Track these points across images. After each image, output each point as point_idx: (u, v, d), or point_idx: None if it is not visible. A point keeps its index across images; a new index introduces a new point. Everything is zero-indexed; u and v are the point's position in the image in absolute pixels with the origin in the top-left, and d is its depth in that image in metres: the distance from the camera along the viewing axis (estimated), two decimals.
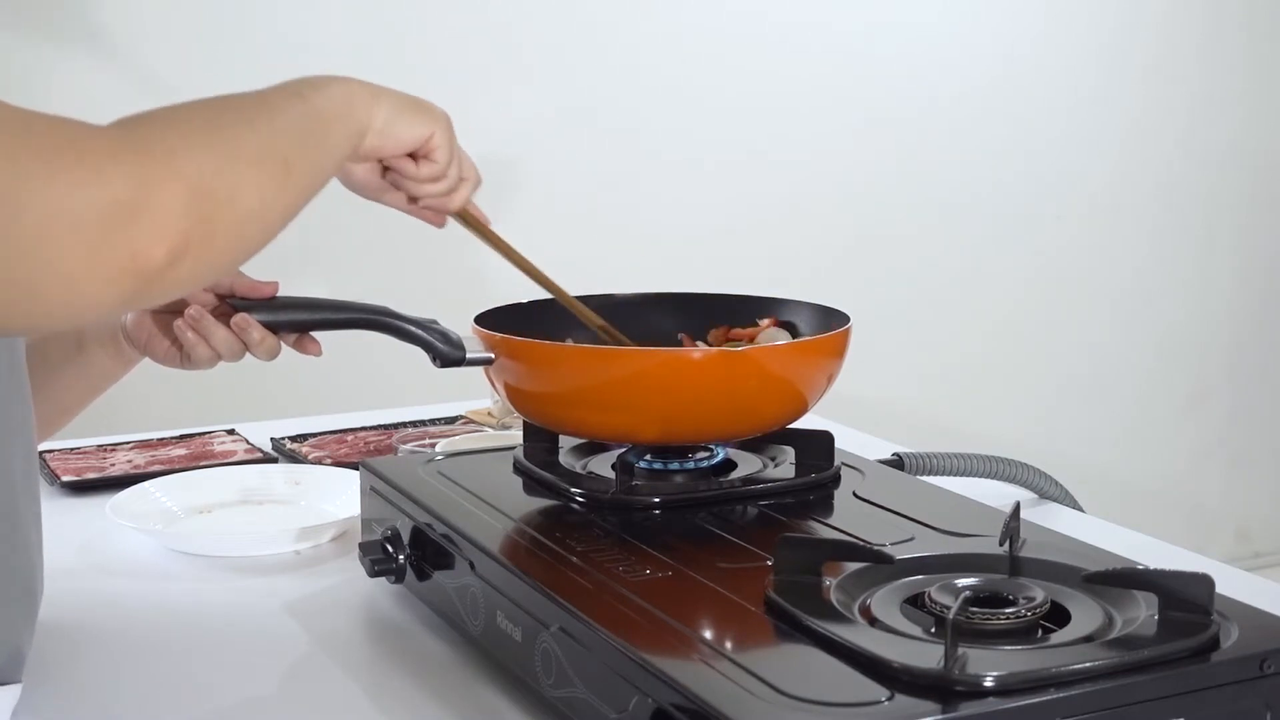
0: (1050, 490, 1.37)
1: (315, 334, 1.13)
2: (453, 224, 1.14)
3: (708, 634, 0.84)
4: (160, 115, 0.79)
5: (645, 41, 2.69)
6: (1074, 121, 3.09)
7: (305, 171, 0.86)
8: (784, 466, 1.16)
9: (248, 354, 1.11)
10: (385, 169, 1.06)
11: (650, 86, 2.71)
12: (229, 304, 1.11)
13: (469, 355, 1.12)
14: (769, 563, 0.91)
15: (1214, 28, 3.21)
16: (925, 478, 1.30)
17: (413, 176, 1.05)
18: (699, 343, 1.25)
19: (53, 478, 1.48)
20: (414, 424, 1.71)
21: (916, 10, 2.91)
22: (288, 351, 1.13)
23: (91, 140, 0.73)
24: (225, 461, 1.55)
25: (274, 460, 1.58)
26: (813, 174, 2.86)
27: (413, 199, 1.08)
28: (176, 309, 1.12)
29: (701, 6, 2.72)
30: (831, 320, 1.18)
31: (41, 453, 1.54)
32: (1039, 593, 0.84)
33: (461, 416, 1.72)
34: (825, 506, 1.10)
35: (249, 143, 0.81)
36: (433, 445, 1.48)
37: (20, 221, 0.69)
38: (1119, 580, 0.85)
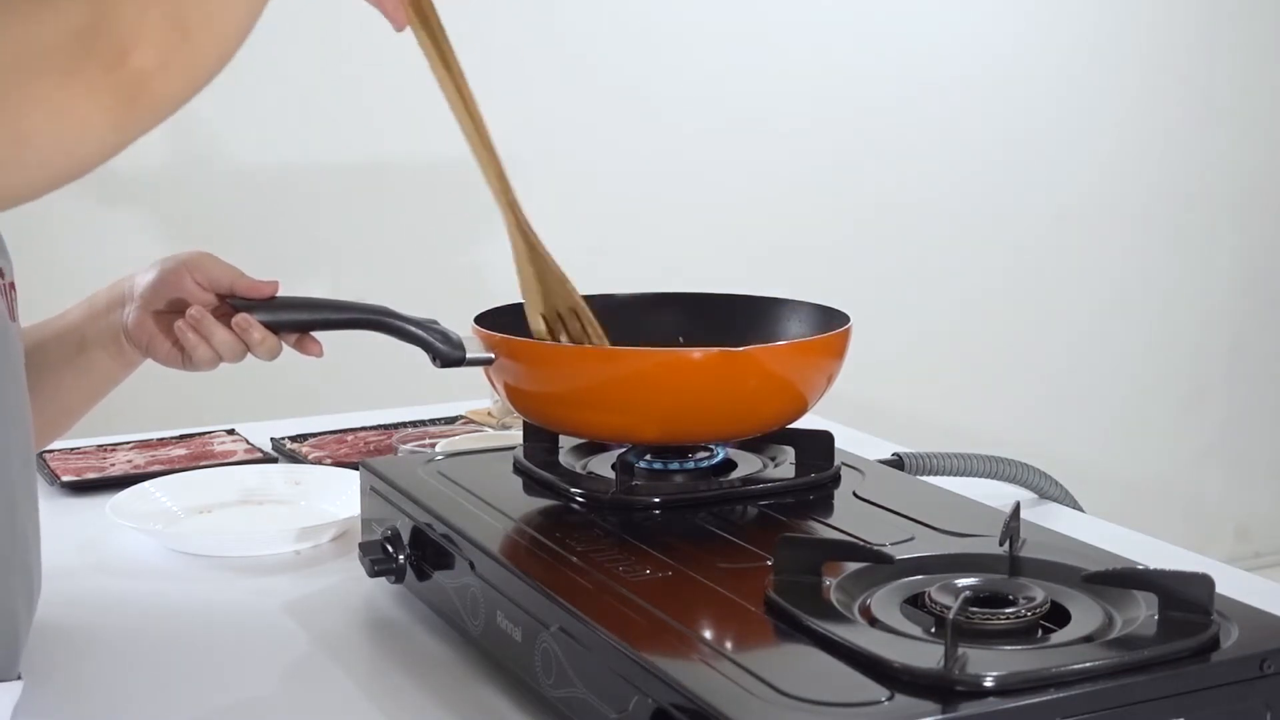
0: (1050, 490, 1.37)
1: (315, 334, 1.13)
2: (453, 225, 1.13)
3: (708, 634, 0.84)
4: None
5: (646, 44, 2.69)
6: (1074, 121, 3.09)
7: None
8: (784, 466, 1.16)
9: (248, 354, 1.11)
10: None
11: (650, 88, 2.71)
12: (229, 304, 1.11)
13: (469, 355, 1.12)
14: (769, 563, 0.91)
15: (1211, 23, 3.20)
16: (925, 478, 1.30)
17: None
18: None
19: (53, 478, 1.48)
20: (414, 424, 1.71)
21: (916, 13, 2.91)
22: (288, 351, 1.13)
23: None
24: (225, 461, 1.55)
25: (274, 460, 1.58)
26: (813, 175, 2.86)
27: None
28: (178, 310, 1.12)
29: (703, 10, 2.72)
30: (831, 320, 1.18)
31: (41, 453, 1.54)
32: (1039, 593, 0.84)
33: (461, 416, 1.72)
34: (825, 506, 1.10)
35: None
36: (433, 445, 1.48)
37: None
38: (1119, 580, 0.85)
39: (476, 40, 2.64)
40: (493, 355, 1.12)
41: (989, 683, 0.73)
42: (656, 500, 1.08)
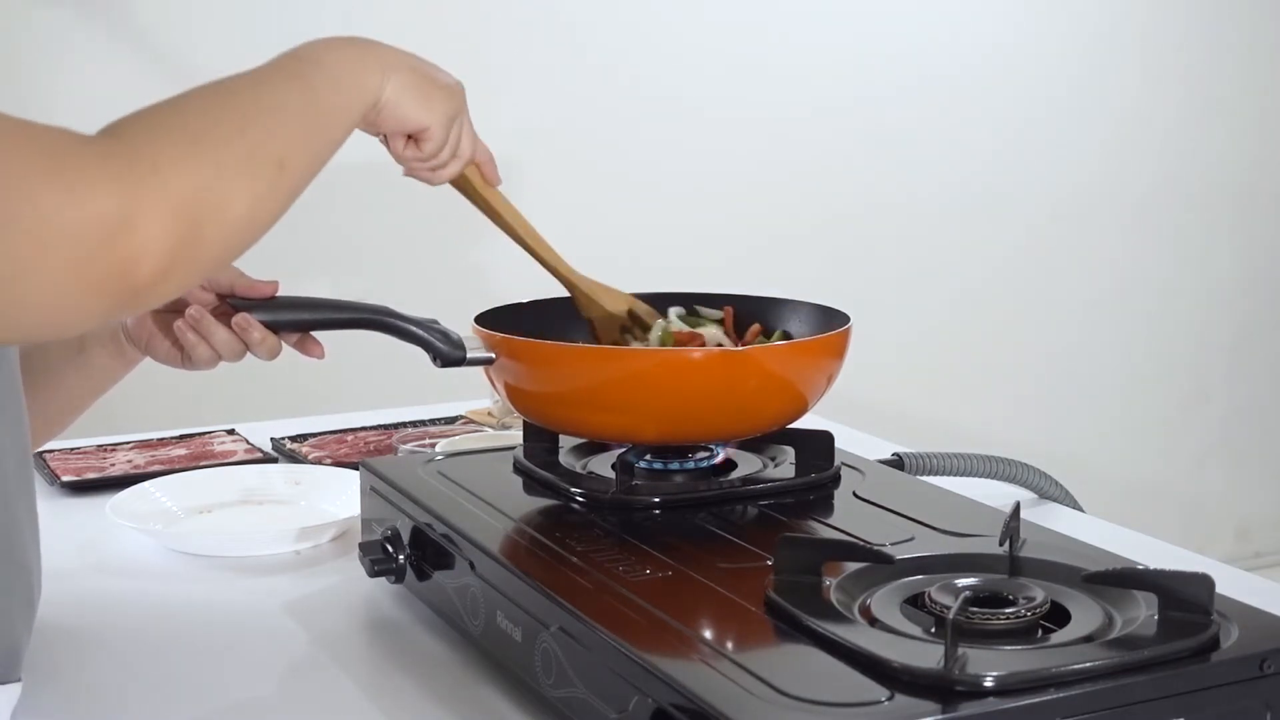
0: (1050, 490, 1.37)
1: (316, 334, 1.13)
2: (453, 225, 1.14)
3: (708, 634, 0.84)
4: (150, 121, 0.78)
5: (646, 45, 2.69)
6: (1075, 121, 3.09)
7: (301, 167, 0.85)
8: (784, 466, 1.16)
9: (248, 354, 1.11)
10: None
11: (651, 88, 2.71)
12: (229, 304, 1.11)
13: (469, 355, 1.12)
14: (769, 563, 0.91)
15: (1211, 19, 3.20)
16: (925, 478, 1.30)
17: (398, 154, 1.04)
18: None
19: (53, 478, 1.48)
20: (414, 424, 1.71)
21: (914, 11, 2.91)
22: (288, 351, 1.13)
23: (81, 152, 0.72)
24: (225, 461, 1.55)
25: (274, 460, 1.58)
26: (813, 175, 2.86)
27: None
28: (177, 309, 1.12)
29: (703, 13, 2.72)
30: (831, 320, 1.18)
31: (41, 453, 1.54)
32: (1039, 593, 0.84)
33: (461, 416, 1.72)
34: (825, 506, 1.10)
35: (239, 150, 0.80)
36: (433, 445, 1.48)
37: (8, 233, 0.69)
38: (1119, 580, 0.85)
39: (475, 39, 2.65)
40: (493, 355, 1.12)
41: (989, 683, 0.73)
42: (656, 500, 1.08)
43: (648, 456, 1.13)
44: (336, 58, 0.91)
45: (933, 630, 0.82)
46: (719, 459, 1.15)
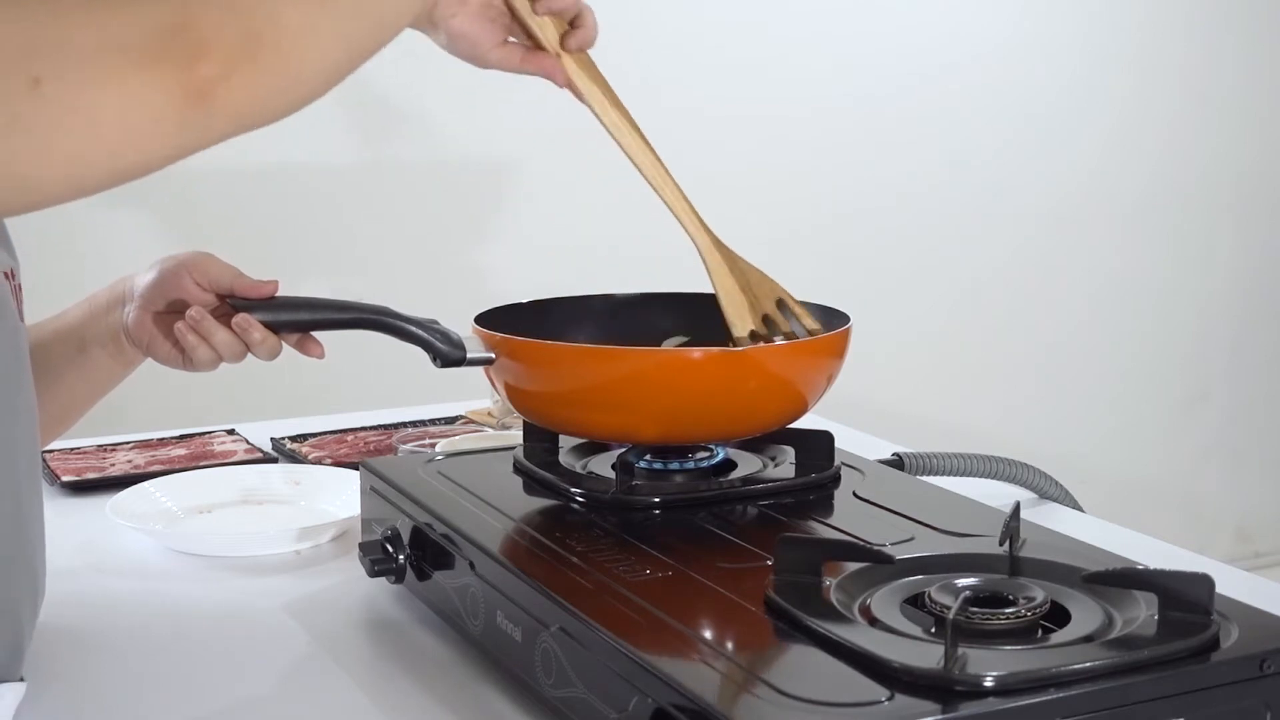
0: (1050, 490, 1.37)
1: (316, 334, 1.13)
2: (453, 225, 1.13)
3: (708, 634, 0.84)
4: None
5: (646, 45, 2.69)
6: (1075, 121, 3.09)
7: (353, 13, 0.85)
8: (784, 466, 1.16)
9: (248, 354, 1.11)
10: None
11: (650, 88, 2.70)
12: (230, 304, 1.11)
13: (469, 355, 1.12)
14: (769, 563, 0.91)
15: (1210, 17, 3.20)
16: (925, 478, 1.30)
17: None
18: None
19: (53, 478, 1.48)
20: (414, 424, 1.71)
21: (914, 13, 2.91)
22: (288, 351, 1.13)
23: None
24: (225, 461, 1.55)
25: (274, 460, 1.58)
26: (813, 175, 2.86)
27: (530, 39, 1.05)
28: (178, 310, 1.12)
29: (703, 14, 2.72)
30: (831, 320, 1.18)
31: (42, 453, 1.54)
32: (1039, 593, 0.84)
33: (461, 416, 1.72)
34: (825, 506, 1.10)
35: None
36: (433, 445, 1.48)
37: (71, 56, 0.71)
38: (1119, 580, 0.85)
39: None
40: (493, 355, 1.12)
41: (989, 683, 0.73)
42: (656, 500, 1.08)
43: (648, 456, 1.13)
44: None
45: (933, 630, 0.82)
46: (719, 459, 1.15)
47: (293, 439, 1.65)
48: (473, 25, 1.05)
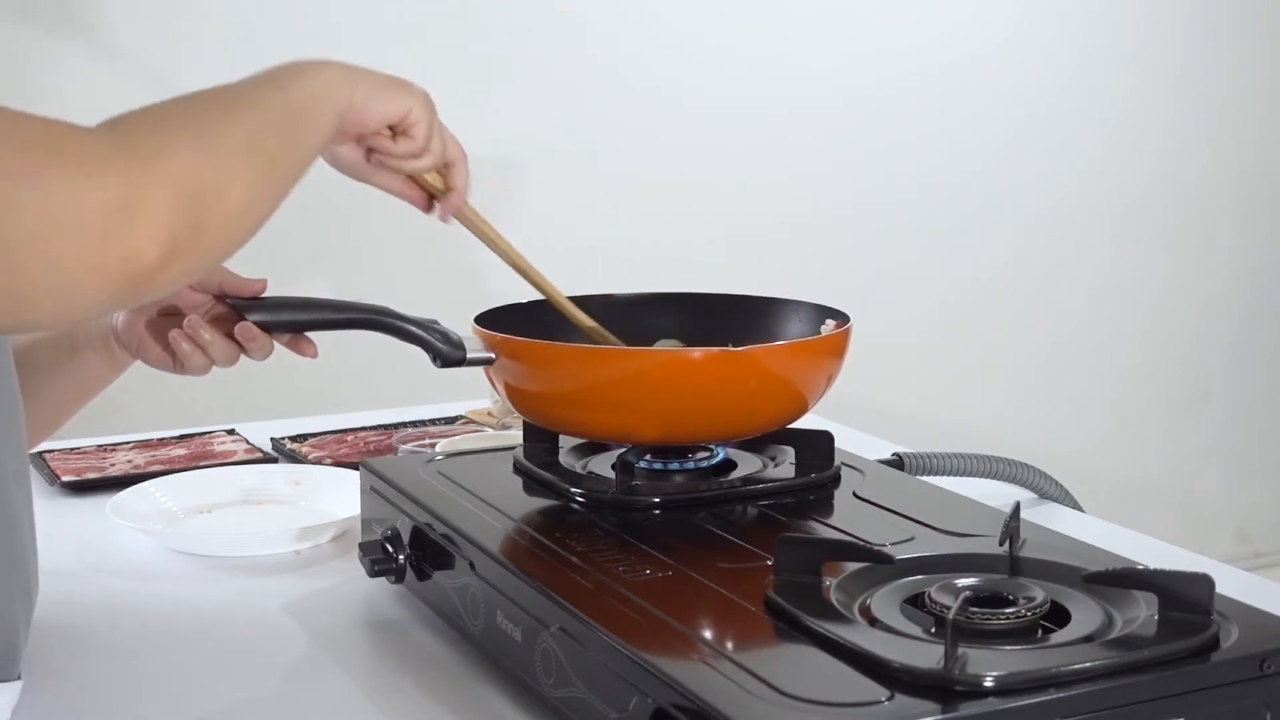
0: (1050, 490, 1.37)
1: (316, 334, 1.13)
2: (453, 225, 1.14)
3: (708, 634, 0.84)
4: (147, 115, 0.80)
5: (646, 45, 2.69)
6: (1075, 120, 3.09)
7: (289, 162, 0.88)
8: (784, 466, 1.16)
9: (240, 357, 1.11)
10: (369, 151, 1.06)
11: (651, 90, 2.71)
12: (230, 305, 1.10)
13: (469, 355, 1.12)
14: (769, 563, 0.91)
15: (1209, 17, 3.20)
16: (925, 478, 1.30)
17: (391, 152, 1.05)
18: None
19: (53, 478, 1.48)
20: (414, 424, 1.71)
21: (914, 13, 2.90)
22: (289, 351, 1.13)
23: (82, 143, 0.74)
24: (225, 461, 1.55)
25: (274, 460, 1.58)
26: (813, 175, 2.86)
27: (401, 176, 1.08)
28: (168, 313, 1.12)
29: (703, 15, 2.72)
30: (832, 320, 1.18)
31: (42, 453, 1.54)
32: (1039, 593, 0.84)
33: (461, 416, 1.72)
34: (825, 506, 1.10)
35: (234, 140, 0.82)
36: (433, 445, 1.48)
37: (13, 224, 0.70)
38: (1119, 580, 0.85)
39: (481, 44, 2.65)
40: (493, 355, 1.12)
41: (989, 683, 0.73)
42: (656, 500, 1.08)
43: (648, 456, 1.13)
44: (306, 72, 0.94)
45: (933, 630, 0.82)
46: (719, 459, 1.15)
47: (293, 439, 1.65)
48: (354, 154, 1.07)
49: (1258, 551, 3.48)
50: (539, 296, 1.22)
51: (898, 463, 1.33)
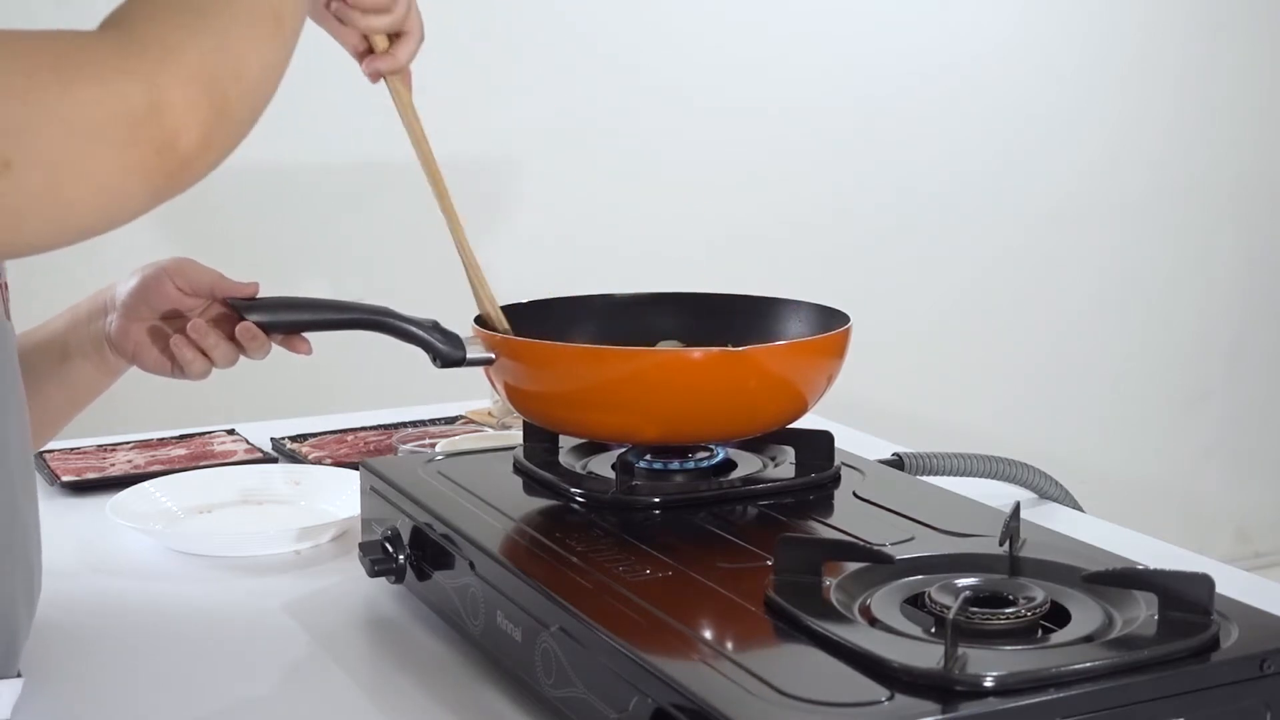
0: (1050, 490, 1.37)
1: (317, 334, 1.13)
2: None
3: (708, 634, 0.84)
4: (147, 7, 0.79)
5: (646, 44, 2.69)
6: (1075, 120, 3.09)
7: (293, 13, 0.86)
8: (784, 466, 1.16)
9: (241, 356, 1.11)
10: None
11: (651, 89, 2.71)
12: (230, 306, 1.11)
13: (469, 355, 1.12)
14: (769, 563, 0.91)
15: (1210, 16, 3.20)
16: (925, 478, 1.30)
17: (357, 5, 1.05)
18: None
19: (53, 478, 1.48)
20: (414, 424, 1.71)
21: (914, 12, 2.91)
22: (288, 351, 1.13)
23: (92, 50, 0.74)
24: (225, 461, 1.55)
25: (274, 460, 1.58)
26: (813, 175, 2.86)
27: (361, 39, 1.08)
28: (165, 317, 1.12)
29: (703, 15, 2.72)
30: (831, 320, 1.19)
31: (42, 453, 1.54)
32: (1039, 593, 0.84)
33: (461, 416, 1.72)
34: (825, 506, 1.10)
35: (239, 11, 0.82)
36: (433, 445, 1.48)
37: (41, 139, 0.71)
38: (1119, 580, 0.85)
39: (475, 38, 2.64)
40: (493, 355, 1.12)
41: (989, 683, 0.73)
42: (656, 500, 1.08)
43: (648, 456, 1.13)
44: None
45: (933, 630, 0.82)
46: (719, 459, 1.15)
47: (293, 439, 1.65)
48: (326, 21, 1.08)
49: (1258, 551, 3.48)
50: (539, 297, 1.22)
51: (898, 463, 1.33)
